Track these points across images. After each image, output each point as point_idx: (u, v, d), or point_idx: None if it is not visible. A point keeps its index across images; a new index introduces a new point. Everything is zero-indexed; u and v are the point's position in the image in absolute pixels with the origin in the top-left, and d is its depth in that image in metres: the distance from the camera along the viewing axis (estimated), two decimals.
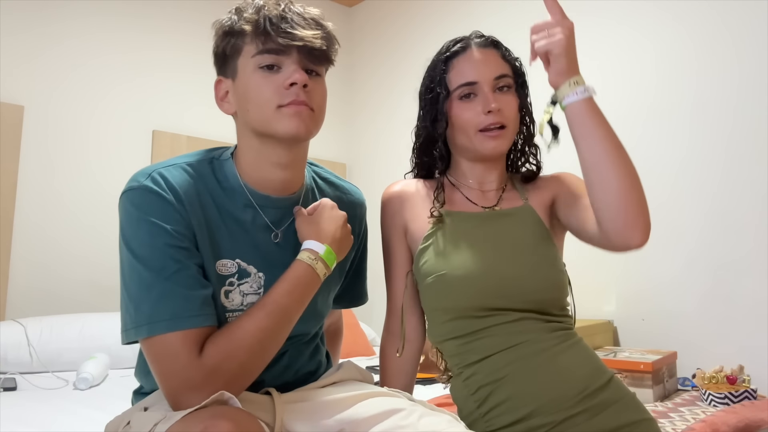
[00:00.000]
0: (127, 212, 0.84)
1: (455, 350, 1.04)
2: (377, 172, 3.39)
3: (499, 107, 1.03)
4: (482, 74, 1.05)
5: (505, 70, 1.07)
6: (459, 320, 1.02)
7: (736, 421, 1.42)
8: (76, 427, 1.38)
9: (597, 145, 0.88)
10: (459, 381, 1.04)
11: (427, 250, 1.06)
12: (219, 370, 0.78)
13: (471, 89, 1.05)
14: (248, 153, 0.94)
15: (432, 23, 3.13)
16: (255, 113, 0.89)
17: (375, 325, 3.13)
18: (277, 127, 0.88)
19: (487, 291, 1.00)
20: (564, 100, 0.90)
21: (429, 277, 1.03)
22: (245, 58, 0.89)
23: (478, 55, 1.07)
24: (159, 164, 0.90)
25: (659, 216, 2.24)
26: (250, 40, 0.88)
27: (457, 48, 1.09)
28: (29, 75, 2.43)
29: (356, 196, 1.13)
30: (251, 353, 0.81)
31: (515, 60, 1.11)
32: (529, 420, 0.94)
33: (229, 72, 0.92)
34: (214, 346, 0.79)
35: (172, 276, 0.81)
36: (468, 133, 1.05)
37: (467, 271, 1.00)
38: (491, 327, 1.00)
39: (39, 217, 2.41)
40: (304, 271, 0.89)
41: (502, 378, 0.97)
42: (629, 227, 0.87)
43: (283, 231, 0.96)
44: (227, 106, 0.94)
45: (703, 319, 2.05)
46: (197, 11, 2.92)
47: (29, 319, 2.13)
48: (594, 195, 0.90)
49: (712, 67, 2.10)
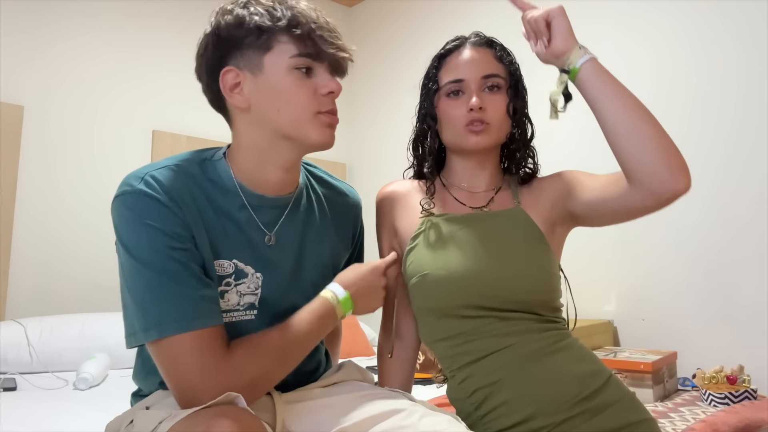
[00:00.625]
0: (123, 216, 0.83)
1: (447, 352, 1.04)
2: (377, 172, 3.39)
3: (480, 105, 1.03)
4: (470, 72, 1.05)
5: (495, 70, 1.06)
6: (445, 320, 1.03)
7: (736, 421, 1.42)
8: (76, 427, 1.38)
9: (619, 99, 0.89)
10: (454, 383, 1.04)
11: (413, 251, 1.06)
12: (245, 371, 0.80)
13: (458, 86, 1.06)
14: (250, 152, 0.93)
15: (432, 23, 3.13)
16: (288, 115, 0.88)
17: (375, 325, 3.13)
18: (311, 133, 0.89)
19: (469, 291, 1.00)
20: (578, 62, 0.92)
21: (413, 277, 1.04)
22: (279, 56, 0.87)
23: (471, 54, 1.07)
24: (150, 166, 0.88)
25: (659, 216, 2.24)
26: (288, 39, 0.87)
27: (451, 46, 1.10)
28: (29, 75, 2.44)
29: (351, 196, 1.13)
30: (273, 362, 0.84)
31: (510, 61, 1.10)
32: (528, 422, 0.94)
33: (248, 65, 0.88)
34: (242, 348, 0.82)
35: (176, 277, 0.80)
36: (454, 129, 1.06)
37: (449, 271, 1.01)
38: (479, 328, 1.00)
39: (39, 217, 2.41)
40: (325, 307, 0.93)
41: (497, 381, 0.97)
42: (674, 170, 0.86)
43: (276, 233, 0.95)
44: (239, 99, 0.89)
45: (703, 319, 2.05)
46: (197, 11, 2.92)
47: (29, 319, 2.13)
48: (628, 150, 0.88)
49: (712, 66, 2.10)
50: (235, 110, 0.92)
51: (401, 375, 1.13)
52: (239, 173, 0.93)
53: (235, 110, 0.92)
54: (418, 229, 1.08)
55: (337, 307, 0.94)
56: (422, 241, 1.06)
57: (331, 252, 1.05)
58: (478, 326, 1.00)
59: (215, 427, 0.68)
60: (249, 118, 0.91)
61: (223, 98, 0.92)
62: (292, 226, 0.98)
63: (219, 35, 0.89)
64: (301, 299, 0.95)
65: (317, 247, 1.01)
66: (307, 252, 0.99)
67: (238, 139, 0.94)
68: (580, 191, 1.01)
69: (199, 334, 0.79)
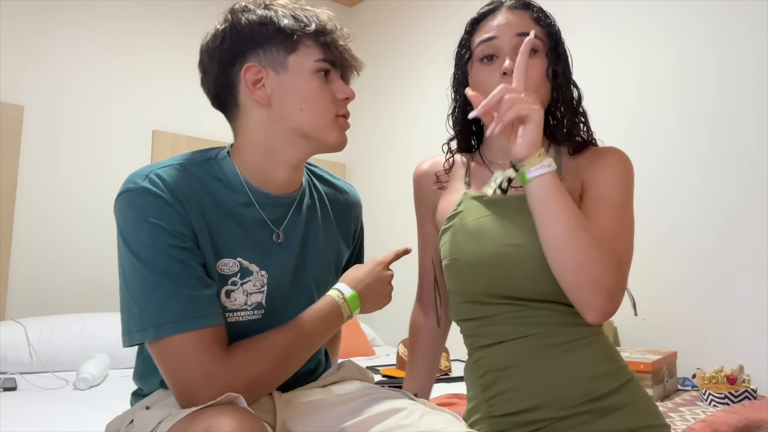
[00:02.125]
0: (126, 214, 0.84)
1: (470, 331, 1.04)
2: (377, 172, 3.39)
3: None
4: (503, 31, 0.98)
5: (531, 29, 0.96)
6: (470, 304, 1.02)
7: (736, 421, 1.42)
8: (76, 427, 1.38)
9: (553, 227, 0.86)
10: (471, 362, 1.04)
11: (446, 232, 1.04)
12: (244, 372, 0.80)
13: (492, 48, 0.99)
14: (260, 149, 0.93)
15: (432, 23, 3.13)
16: (310, 115, 0.91)
17: (375, 325, 3.13)
18: (330, 135, 0.93)
19: (495, 279, 0.97)
20: (530, 173, 0.86)
21: (445, 259, 1.03)
22: (304, 58, 0.91)
23: (506, 16, 1.00)
24: (154, 165, 0.89)
25: (659, 216, 2.25)
26: (313, 44, 0.91)
27: (486, 10, 1.04)
28: (29, 75, 2.44)
29: (351, 195, 1.14)
30: (274, 364, 0.84)
31: (550, 23, 1.01)
32: (532, 412, 0.94)
33: (270, 63, 0.90)
34: (243, 349, 0.82)
35: (176, 277, 0.80)
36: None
37: (477, 258, 0.98)
38: (503, 314, 0.98)
39: (39, 217, 2.41)
40: (330, 307, 0.93)
41: (509, 367, 0.97)
42: (581, 305, 0.88)
43: (283, 230, 0.96)
44: (260, 94, 0.90)
45: (703, 319, 2.05)
46: (198, 11, 2.92)
47: (29, 319, 2.13)
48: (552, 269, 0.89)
49: (713, 66, 2.10)
50: (252, 106, 0.92)
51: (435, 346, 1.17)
52: (245, 171, 0.94)
53: (252, 106, 0.92)
54: (453, 210, 1.05)
55: (343, 306, 0.94)
56: (457, 223, 1.03)
57: (334, 249, 1.05)
58: (503, 312, 0.98)
59: (215, 427, 0.68)
60: (267, 114, 0.92)
61: (232, 92, 0.93)
62: (296, 223, 0.98)
63: (239, 31, 0.90)
64: (305, 297, 0.96)
65: (320, 245, 1.02)
66: (310, 249, 1.00)
67: (247, 136, 0.94)
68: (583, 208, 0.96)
69: (197, 335, 0.79)
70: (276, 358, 0.84)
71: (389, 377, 2.11)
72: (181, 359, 0.78)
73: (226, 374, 0.78)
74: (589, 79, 2.44)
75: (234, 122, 0.96)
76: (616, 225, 0.95)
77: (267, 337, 0.85)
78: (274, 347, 0.84)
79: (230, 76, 0.92)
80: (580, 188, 1.00)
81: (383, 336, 3.10)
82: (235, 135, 0.97)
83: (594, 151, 1.02)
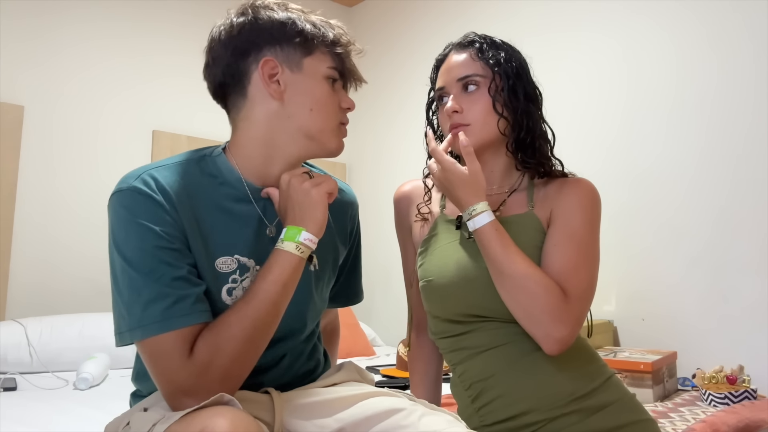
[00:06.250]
0: (117, 214, 0.84)
1: (450, 347, 1.07)
2: (377, 172, 3.39)
3: (455, 108, 1.03)
4: (447, 79, 1.07)
5: (471, 70, 1.04)
6: (446, 323, 1.06)
7: (736, 421, 1.42)
8: (76, 427, 1.38)
9: (495, 270, 0.96)
10: (455, 377, 1.07)
11: (423, 254, 1.09)
12: (210, 366, 0.79)
13: (443, 93, 1.09)
14: (261, 144, 0.93)
15: (432, 23, 3.13)
16: (318, 117, 0.93)
17: (375, 325, 3.13)
18: (332, 140, 0.96)
19: (468, 301, 1.02)
20: (473, 224, 0.98)
21: (421, 280, 1.07)
22: (318, 63, 0.93)
23: (452, 58, 1.09)
24: (149, 165, 0.89)
25: (659, 216, 2.25)
26: (327, 51, 0.94)
27: (441, 55, 1.13)
28: (29, 75, 2.43)
29: (348, 194, 1.14)
30: (239, 345, 0.81)
31: (492, 56, 1.05)
32: (522, 417, 0.96)
33: (286, 60, 0.92)
34: (202, 342, 0.80)
35: (162, 278, 0.81)
36: (446, 134, 1.08)
37: (450, 281, 1.02)
38: (479, 330, 1.02)
39: (39, 217, 2.41)
40: (277, 256, 0.87)
41: (491, 376, 0.99)
42: (536, 338, 0.94)
43: (277, 224, 0.96)
44: (275, 88, 0.91)
45: (703, 319, 2.05)
46: (198, 12, 2.92)
47: (29, 319, 2.13)
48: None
49: (713, 65, 2.10)
50: (262, 98, 0.92)
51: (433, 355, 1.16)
52: (242, 166, 0.94)
53: (262, 98, 0.92)
54: (429, 232, 1.10)
55: (286, 245, 0.87)
56: (431, 246, 1.08)
57: (330, 246, 1.05)
58: (478, 328, 1.02)
59: (210, 428, 0.68)
60: (276, 109, 0.92)
61: (242, 82, 0.92)
62: None
63: (260, 26, 0.92)
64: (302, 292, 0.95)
65: None
66: None
67: (249, 129, 0.94)
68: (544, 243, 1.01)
69: (180, 333, 0.79)
70: (239, 337, 0.80)
71: (389, 377, 2.11)
72: (160, 361, 0.79)
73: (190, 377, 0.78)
74: (589, 79, 2.45)
75: (236, 114, 0.95)
76: (577, 260, 0.98)
77: (223, 320, 0.82)
78: (233, 327, 0.81)
79: (243, 66, 0.92)
80: (548, 216, 1.04)
81: (383, 336, 3.09)
82: (234, 128, 0.97)
83: (563, 182, 1.06)
